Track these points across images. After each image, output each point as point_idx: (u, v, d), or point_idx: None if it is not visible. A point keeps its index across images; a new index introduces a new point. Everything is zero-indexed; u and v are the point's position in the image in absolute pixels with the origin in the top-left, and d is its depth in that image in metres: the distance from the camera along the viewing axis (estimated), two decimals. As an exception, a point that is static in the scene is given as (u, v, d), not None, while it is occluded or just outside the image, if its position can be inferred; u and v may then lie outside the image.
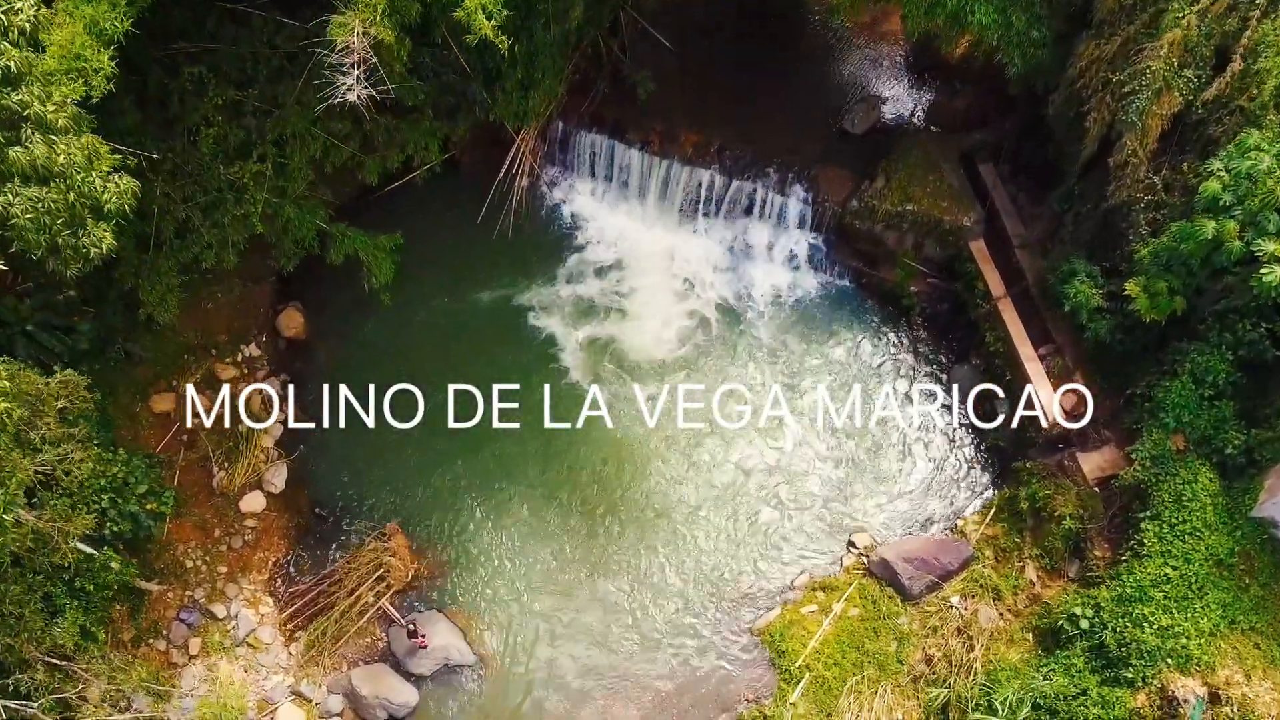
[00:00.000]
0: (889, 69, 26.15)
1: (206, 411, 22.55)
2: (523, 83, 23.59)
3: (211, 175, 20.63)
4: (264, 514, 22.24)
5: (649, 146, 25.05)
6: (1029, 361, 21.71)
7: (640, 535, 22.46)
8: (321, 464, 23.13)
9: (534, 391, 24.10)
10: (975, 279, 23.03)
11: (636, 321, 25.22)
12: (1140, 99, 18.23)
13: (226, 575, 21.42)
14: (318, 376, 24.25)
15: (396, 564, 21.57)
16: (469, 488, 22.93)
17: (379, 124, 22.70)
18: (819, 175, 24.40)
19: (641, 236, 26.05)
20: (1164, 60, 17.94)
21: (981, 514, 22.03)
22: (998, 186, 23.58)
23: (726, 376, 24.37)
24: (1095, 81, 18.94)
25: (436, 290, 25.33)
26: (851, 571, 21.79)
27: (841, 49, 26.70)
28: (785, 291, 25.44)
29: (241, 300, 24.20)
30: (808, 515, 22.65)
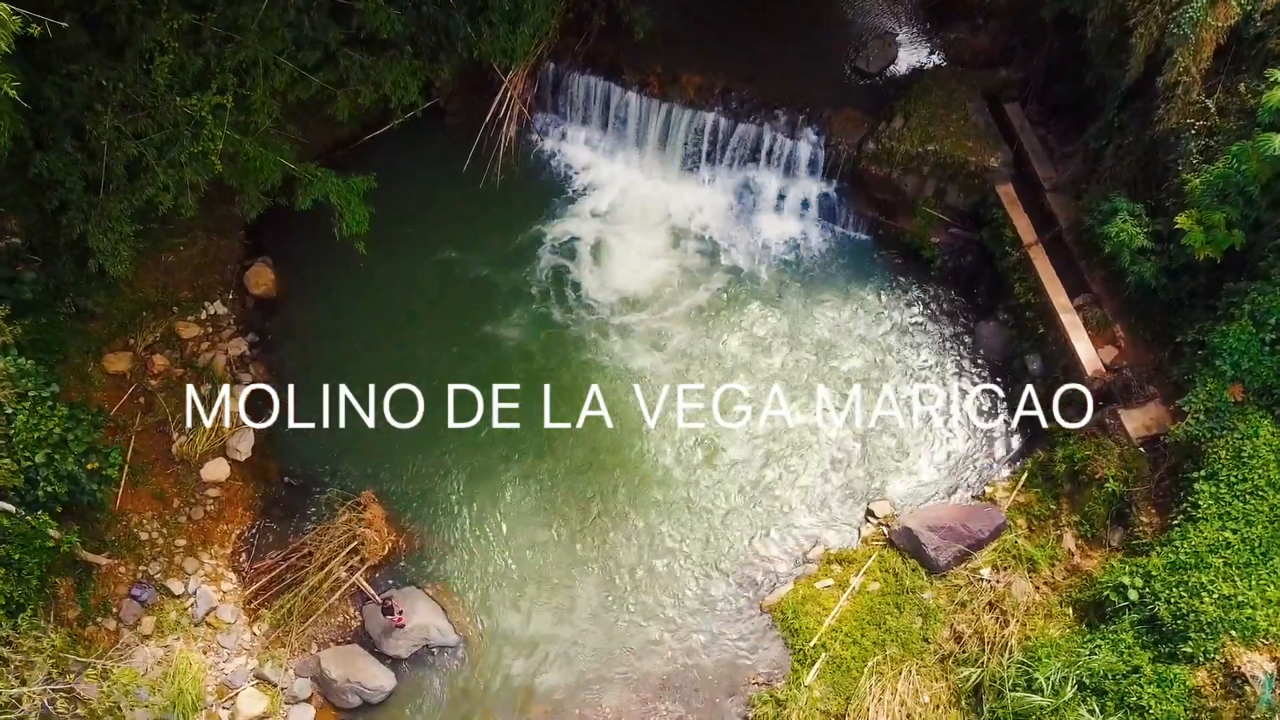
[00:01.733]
0: (904, 4, 24.27)
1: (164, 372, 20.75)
2: (510, 15, 21.75)
3: (166, 108, 18.66)
4: (228, 483, 20.34)
5: (647, 89, 23.18)
6: (1064, 312, 19.81)
7: (639, 503, 20.56)
8: (291, 430, 21.22)
9: (522, 351, 22.28)
10: (1003, 226, 21.15)
11: (634, 276, 23.32)
12: (1193, 8, 16.37)
13: (185, 549, 19.53)
14: (289, 336, 22.40)
15: (372, 536, 19.68)
16: (451, 454, 21.04)
17: (352, 60, 20.91)
18: (831, 117, 22.52)
19: (640, 186, 24.19)
20: (1220, -36, 16.12)
21: (1012, 480, 20.13)
22: (1026, 128, 21.72)
23: (732, 336, 22.49)
24: (1142, -8, 17.09)
25: (416, 245, 23.46)
26: (870, 543, 19.89)
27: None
28: (796, 244, 23.55)
29: (206, 254, 22.34)
30: (821, 483, 20.75)
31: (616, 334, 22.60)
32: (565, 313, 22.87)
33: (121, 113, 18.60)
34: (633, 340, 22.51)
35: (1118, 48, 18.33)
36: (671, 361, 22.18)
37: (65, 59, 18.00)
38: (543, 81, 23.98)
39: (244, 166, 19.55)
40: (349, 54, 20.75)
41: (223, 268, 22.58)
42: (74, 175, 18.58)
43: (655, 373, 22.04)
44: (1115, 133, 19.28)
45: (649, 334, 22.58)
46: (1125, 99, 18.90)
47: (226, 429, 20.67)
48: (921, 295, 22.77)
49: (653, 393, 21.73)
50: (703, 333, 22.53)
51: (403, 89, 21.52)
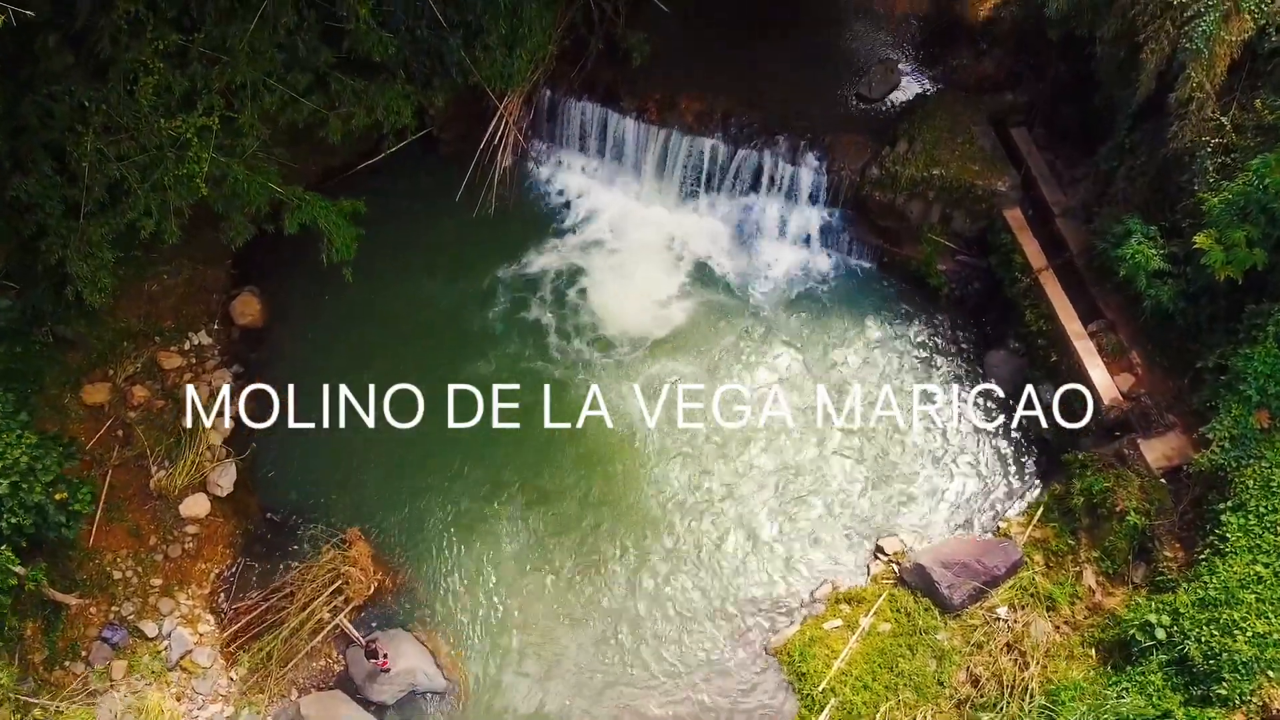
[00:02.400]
0: (906, 31, 23.96)
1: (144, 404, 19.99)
2: (506, 39, 21.35)
3: (150, 130, 18.13)
4: (208, 519, 19.44)
5: (645, 115, 22.70)
6: (1077, 339, 19.11)
7: (637, 543, 19.65)
8: (276, 464, 20.39)
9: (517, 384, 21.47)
10: (1012, 251, 20.52)
11: (632, 308, 22.61)
12: (1206, 22, 15.90)
13: (161, 588, 18.58)
14: (274, 368, 21.62)
15: (356, 575, 18.75)
16: (440, 489, 20.17)
17: (344, 84, 20.45)
18: (833, 142, 22.01)
19: (638, 215, 23.61)
20: (1233, -23, 15.69)
21: (1027, 514, 19.24)
22: (1033, 152, 21.21)
23: (733, 369, 21.75)
24: (1153, 5, 16.61)
25: (407, 275, 22.81)
26: (880, 581, 18.96)
27: (853, 12, 24.50)
28: (798, 273, 22.90)
29: (191, 284, 21.70)
30: (827, 519, 19.88)
31: (613, 367, 21.85)
32: (561, 343, 22.14)
33: (104, 134, 18.05)
34: (630, 374, 21.75)
35: (1127, 66, 17.86)
36: (669, 396, 21.37)
37: (47, 79, 17.53)
38: (538, 108, 23.53)
39: (230, 190, 18.95)
40: (340, 78, 20.32)
41: (208, 297, 21.92)
42: (53, 199, 17.99)
43: (652, 408, 21.24)
44: (1126, 154, 18.75)
45: (647, 367, 21.83)
46: (1136, 119, 18.39)
47: (207, 463, 19.86)
48: (928, 324, 22.07)
49: (650, 430, 20.93)
50: (702, 365, 21.78)
51: (396, 113, 21.01)
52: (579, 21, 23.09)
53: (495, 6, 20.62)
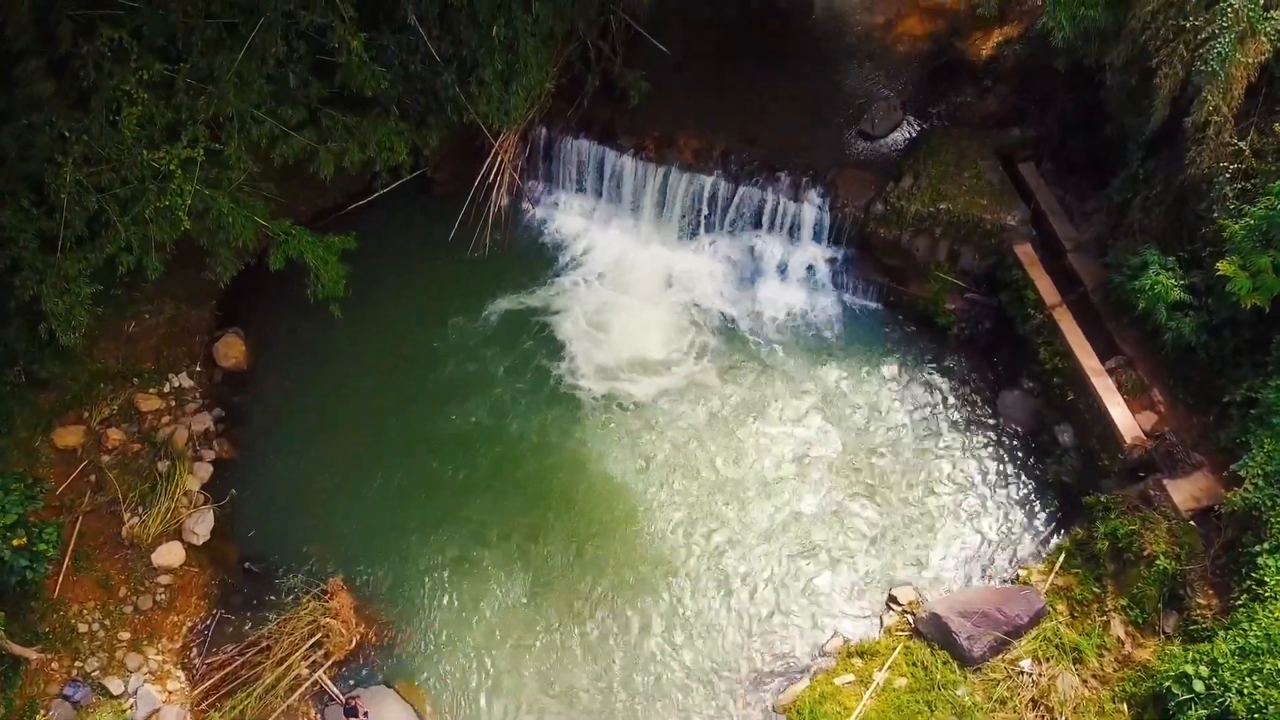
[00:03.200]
0: (908, 70, 23.57)
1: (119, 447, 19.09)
2: (502, 75, 20.94)
3: (132, 161, 17.58)
4: (182, 569, 18.39)
5: (643, 153, 22.21)
6: (1095, 376, 18.29)
7: (637, 595, 18.57)
8: (255, 510, 19.41)
9: (510, 427, 20.65)
10: (1023, 288, 19.82)
11: (629, 350, 21.83)
12: (1221, 43, 15.42)
13: (129, 642, 17.45)
14: (259, 412, 20.79)
15: (338, 627, 17.63)
16: (428, 538, 19.14)
17: (335, 120, 19.98)
18: (836, 178, 21.48)
19: (636, 255, 22.96)
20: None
21: (1048, 561, 18.20)
22: (1041, 187, 20.66)
23: (734, 414, 20.89)
24: (1165, 29, 16.16)
25: (399, 317, 22.10)
26: (894, 633, 17.84)
27: (855, 51, 24.19)
28: (801, 314, 22.18)
29: (174, 324, 20.92)
30: (837, 567, 18.83)
31: (611, 411, 20.99)
32: (556, 387, 21.29)
33: (83, 165, 17.46)
34: (628, 418, 20.89)
35: (1138, 94, 17.38)
36: (670, 441, 20.51)
37: (26, 108, 17.01)
38: (534, 147, 23.06)
39: (214, 223, 18.30)
40: (331, 114, 19.86)
41: (190, 339, 21.14)
42: (29, 232, 17.31)
43: (653, 454, 20.35)
44: (1140, 184, 18.15)
45: (645, 412, 20.96)
46: (1149, 148, 17.84)
47: (183, 510, 18.88)
48: (938, 365, 21.27)
49: (650, 475, 19.99)
50: (703, 410, 20.92)
51: (389, 149, 20.53)
52: (576, 60, 22.80)
53: (491, 41, 20.25)
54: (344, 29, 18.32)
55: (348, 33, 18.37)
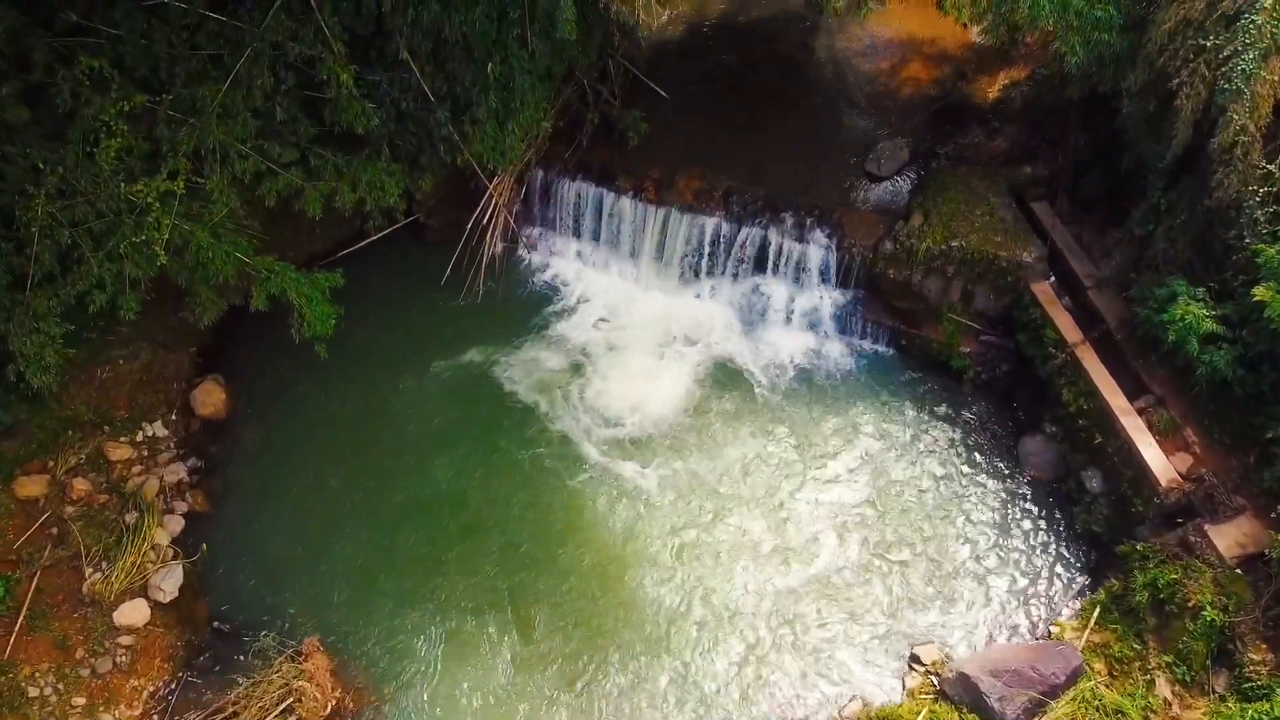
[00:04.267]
0: (913, 113, 23.01)
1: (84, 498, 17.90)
2: (498, 113, 20.35)
3: (108, 194, 16.83)
4: (146, 629, 17.00)
5: (643, 194, 21.49)
6: (1124, 416, 17.22)
7: (634, 661, 17.11)
8: (229, 567, 18.10)
9: (501, 483, 19.44)
10: (1042, 327, 18.87)
11: (628, 401, 20.74)
12: (1244, 60, 14.78)
13: (84, 709, 15.98)
14: (236, 463, 19.61)
15: (311, 691, 16.17)
16: (413, 600, 17.78)
17: (325, 159, 19.33)
18: (843, 218, 20.72)
19: (635, 300, 22.06)
20: (1271, 13, 14.65)
21: (1081, 617, 16.86)
22: (1057, 225, 19.88)
23: (738, 465, 19.72)
24: (1185, 50, 15.55)
25: (388, 366, 21.05)
26: (918, 696, 16.39)
27: (858, 95, 23.71)
28: (808, 360, 21.17)
29: (150, 370, 19.87)
30: (852, 626, 17.45)
31: (608, 465, 19.77)
32: (551, 440, 20.12)
33: (57, 198, 16.72)
34: (626, 473, 19.63)
35: (1157, 120, 16.69)
36: (668, 496, 19.29)
37: (0, 138, 16.34)
38: (530, 191, 22.39)
39: (194, 259, 17.42)
40: (320, 152, 19.22)
41: (167, 385, 20.08)
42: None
43: (653, 511, 19.08)
44: (1163, 214, 17.33)
45: (645, 466, 19.75)
46: (1171, 176, 17.08)
47: (150, 565, 17.60)
48: (953, 412, 20.19)
49: (648, 532, 18.72)
50: (705, 464, 19.70)
51: (379, 189, 19.82)
52: (574, 101, 22.29)
53: (486, 79, 19.69)
54: (334, 61, 17.77)
55: (337, 65, 17.80)
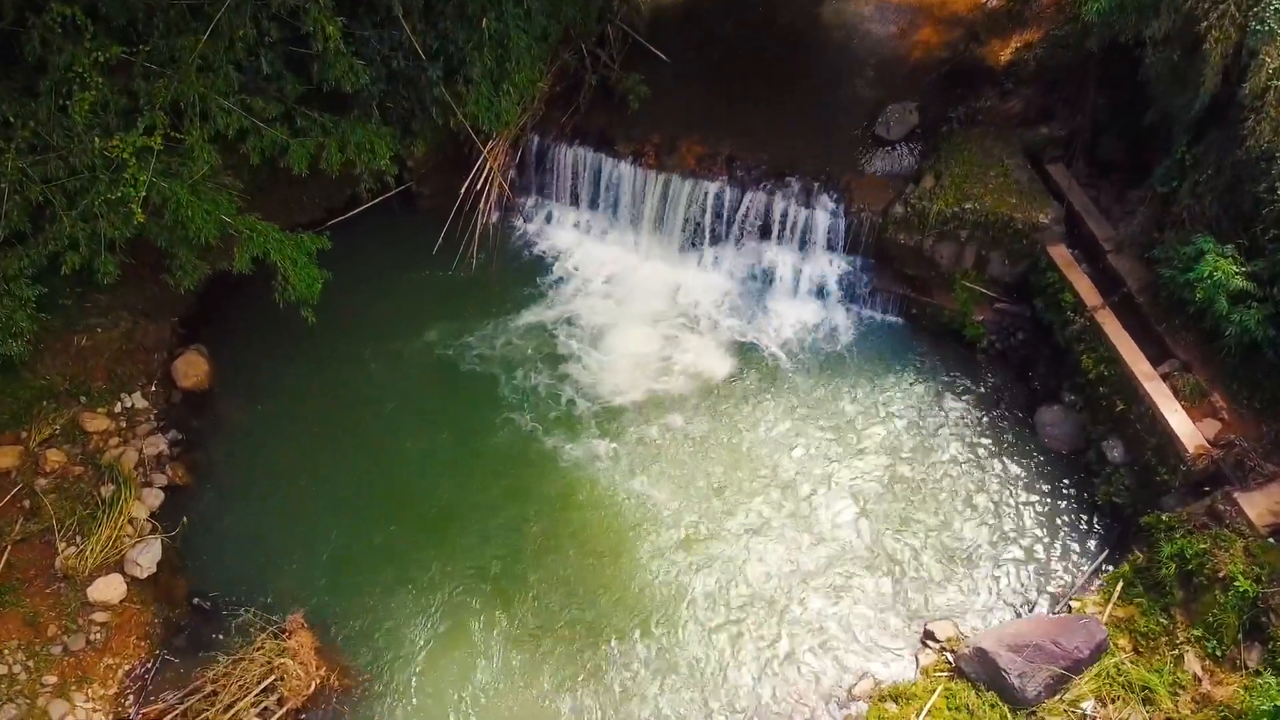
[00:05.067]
0: (924, 76, 22.17)
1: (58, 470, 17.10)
2: (492, 73, 19.60)
3: (82, 150, 16.06)
4: (121, 605, 16.19)
5: (643, 159, 20.70)
6: (1148, 381, 16.42)
7: (636, 638, 16.28)
8: (210, 541, 17.29)
9: (496, 454, 18.66)
10: (1060, 291, 18.09)
11: (628, 375, 19.94)
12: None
13: (54, 688, 15.16)
14: (220, 436, 18.81)
15: (295, 669, 15.36)
16: (406, 576, 16.95)
17: (311, 119, 18.55)
18: (851, 182, 19.94)
19: (635, 270, 21.29)
20: (1306, -51, 13.90)
21: (1103, 591, 16.05)
22: (1074, 187, 19.09)
23: (744, 437, 18.93)
24: (1213, -10, 14.81)
25: (377, 337, 20.24)
26: (932, 673, 15.57)
27: (865, 60, 22.87)
28: (815, 330, 20.38)
29: (129, 339, 19.06)
30: (862, 602, 16.64)
31: (609, 440, 18.95)
32: (546, 413, 19.33)
33: (28, 154, 15.97)
34: (628, 447, 18.84)
35: (1184, 67, 15.92)
36: (671, 469, 18.50)
37: (-36, 89, 15.56)
38: (526, 157, 21.61)
39: (173, 218, 16.64)
40: (307, 113, 18.45)
41: (148, 356, 19.27)
42: (-38, 229, 15.74)
43: (652, 483, 18.31)
44: (1188, 169, 16.55)
45: (645, 438, 18.99)
46: (1197, 129, 16.32)
47: (127, 539, 16.79)
48: (966, 382, 19.40)
49: (649, 506, 17.91)
50: (709, 438, 18.90)
51: (369, 151, 19.06)
52: (573, 64, 21.52)
53: (480, 35, 18.97)
54: (319, 12, 16.98)
55: (323, 16, 17.02)
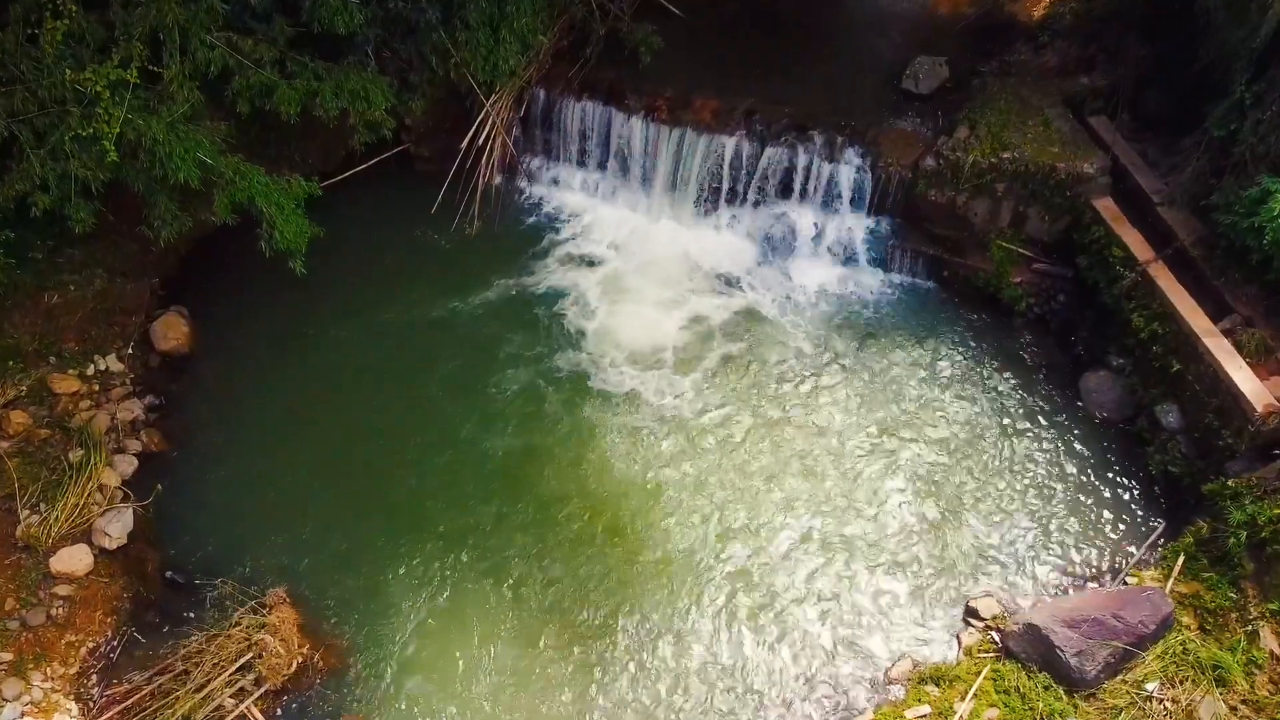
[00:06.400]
0: (951, 32, 20.99)
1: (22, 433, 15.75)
2: (491, 18, 18.41)
3: (53, 83, 14.85)
4: (87, 578, 14.78)
5: (655, 114, 19.41)
6: (1208, 338, 15.06)
7: (653, 619, 14.87)
8: (186, 511, 15.90)
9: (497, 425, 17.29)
10: (1107, 245, 16.77)
11: (642, 343, 18.60)
12: (1359, -92, 12.82)
13: (9, 666, 13.72)
14: (200, 401, 17.48)
15: (275, 646, 13.96)
16: (396, 551, 15.56)
17: (303, 65, 17.33)
18: (878, 136, 18.65)
19: (646, 233, 19.99)
20: None
21: (1162, 567, 14.62)
22: (1119, 141, 17.81)
23: (768, 408, 17.57)
24: (1283, -98, 13.60)
25: (370, 303, 18.95)
26: (977, 654, 14.15)
27: (888, 17, 21.70)
28: (840, 295, 19.06)
29: (105, 299, 17.71)
30: (898, 578, 15.24)
31: (620, 411, 17.60)
32: (550, 381, 17.97)
33: (-8, 87, 14.77)
34: (640, 416, 17.51)
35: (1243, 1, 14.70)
36: (690, 442, 17.13)
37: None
38: (530, 114, 20.36)
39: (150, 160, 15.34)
40: (298, 58, 17.24)
41: (125, 318, 17.93)
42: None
43: (669, 456, 16.92)
44: (1249, 109, 15.29)
45: (660, 409, 17.63)
46: (1260, 63, 15.07)
47: (95, 507, 15.41)
48: (1004, 348, 18.06)
49: (668, 479, 16.51)
50: (729, 407, 17.55)
51: (363, 99, 17.83)
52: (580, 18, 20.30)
53: (475, -29, 17.82)
54: (309, -60, 15.85)
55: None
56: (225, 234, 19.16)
